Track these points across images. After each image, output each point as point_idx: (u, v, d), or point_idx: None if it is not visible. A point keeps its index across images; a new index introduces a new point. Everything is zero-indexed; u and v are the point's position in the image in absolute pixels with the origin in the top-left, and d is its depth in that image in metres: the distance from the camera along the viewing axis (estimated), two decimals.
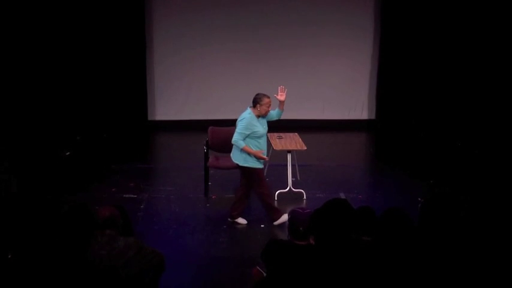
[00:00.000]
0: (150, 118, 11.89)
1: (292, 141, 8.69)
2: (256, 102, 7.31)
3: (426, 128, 11.54)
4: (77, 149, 10.37)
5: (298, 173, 8.77)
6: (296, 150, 8.52)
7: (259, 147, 7.36)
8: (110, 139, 11.09)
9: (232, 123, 7.67)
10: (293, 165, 8.45)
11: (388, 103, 11.85)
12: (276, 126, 10.01)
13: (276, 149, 8.45)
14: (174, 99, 11.87)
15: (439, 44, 11.42)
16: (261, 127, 7.36)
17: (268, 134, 8.88)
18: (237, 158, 7.41)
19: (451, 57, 11.43)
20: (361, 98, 12.12)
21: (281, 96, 7.49)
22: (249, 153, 7.29)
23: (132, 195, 8.34)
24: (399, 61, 11.61)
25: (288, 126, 10.19)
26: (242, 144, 7.25)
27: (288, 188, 8.31)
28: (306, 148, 8.51)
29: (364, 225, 4.40)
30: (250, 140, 7.29)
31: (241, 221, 7.59)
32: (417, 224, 4.61)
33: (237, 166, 7.50)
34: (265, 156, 7.43)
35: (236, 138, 7.28)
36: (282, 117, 11.45)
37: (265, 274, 4.33)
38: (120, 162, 9.78)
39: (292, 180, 8.36)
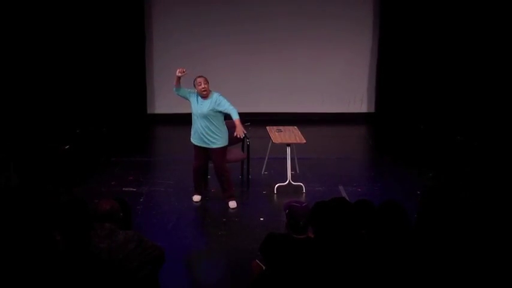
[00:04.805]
0: (149, 111, 11.88)
1: (292, 135, 8.68)
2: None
3: (425, 120, 11.54)
4: (76, 142, 10.37)
5: (297, 166, 8.77)
6: (295, 144, 8.50)
7: (193, 125, 7.81)
8: (110, 132, 11.09)
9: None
10: (292, 159, 8.44)
11: (387, 96, 11.85)
12: (275, 120, 10.08)
13: (276, 142, 8.44)
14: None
15: (439, 37, 11.39)
16: (195, 105, 7.80)
17: (267, 128, 8.89)
18: None
19: (450, 50, 11.40)
20: (361, 91, 12.12)
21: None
22: None
23: (132, 189, 8.35)
24: (398, 54, 11.60)
25: (287, 120, 10.22)
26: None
27: (287, 181, 8.31)
28: (305, 141, 8.49)
29: (362, 219, 4.41)
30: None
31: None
32: (416, 217, 4.63)
33: None
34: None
35: None
36: (281, 111, 11.60)
37: (264, 267, 4.34)
38: (120, 155, 9.77)
39: (291, 174, 8.36)
